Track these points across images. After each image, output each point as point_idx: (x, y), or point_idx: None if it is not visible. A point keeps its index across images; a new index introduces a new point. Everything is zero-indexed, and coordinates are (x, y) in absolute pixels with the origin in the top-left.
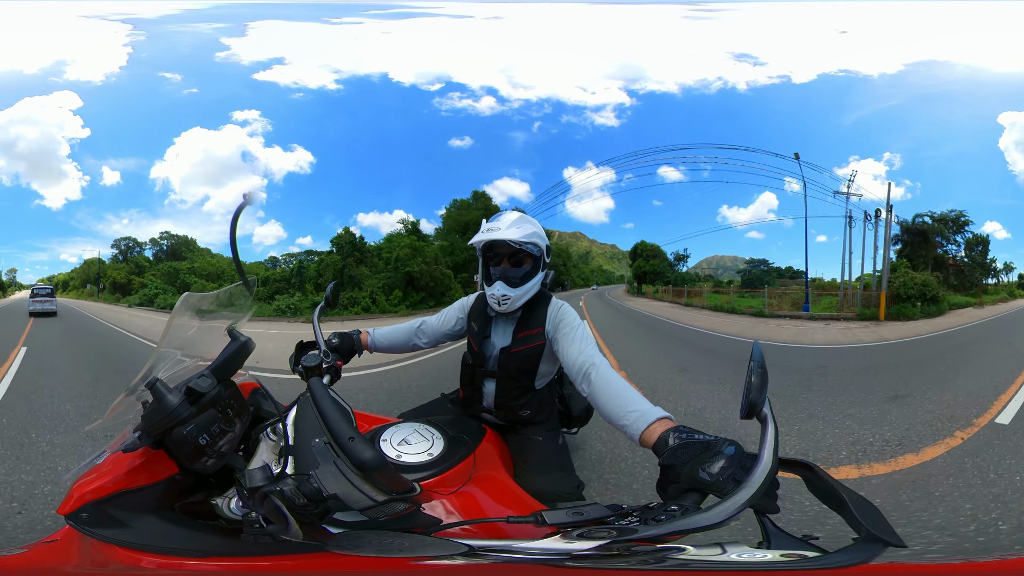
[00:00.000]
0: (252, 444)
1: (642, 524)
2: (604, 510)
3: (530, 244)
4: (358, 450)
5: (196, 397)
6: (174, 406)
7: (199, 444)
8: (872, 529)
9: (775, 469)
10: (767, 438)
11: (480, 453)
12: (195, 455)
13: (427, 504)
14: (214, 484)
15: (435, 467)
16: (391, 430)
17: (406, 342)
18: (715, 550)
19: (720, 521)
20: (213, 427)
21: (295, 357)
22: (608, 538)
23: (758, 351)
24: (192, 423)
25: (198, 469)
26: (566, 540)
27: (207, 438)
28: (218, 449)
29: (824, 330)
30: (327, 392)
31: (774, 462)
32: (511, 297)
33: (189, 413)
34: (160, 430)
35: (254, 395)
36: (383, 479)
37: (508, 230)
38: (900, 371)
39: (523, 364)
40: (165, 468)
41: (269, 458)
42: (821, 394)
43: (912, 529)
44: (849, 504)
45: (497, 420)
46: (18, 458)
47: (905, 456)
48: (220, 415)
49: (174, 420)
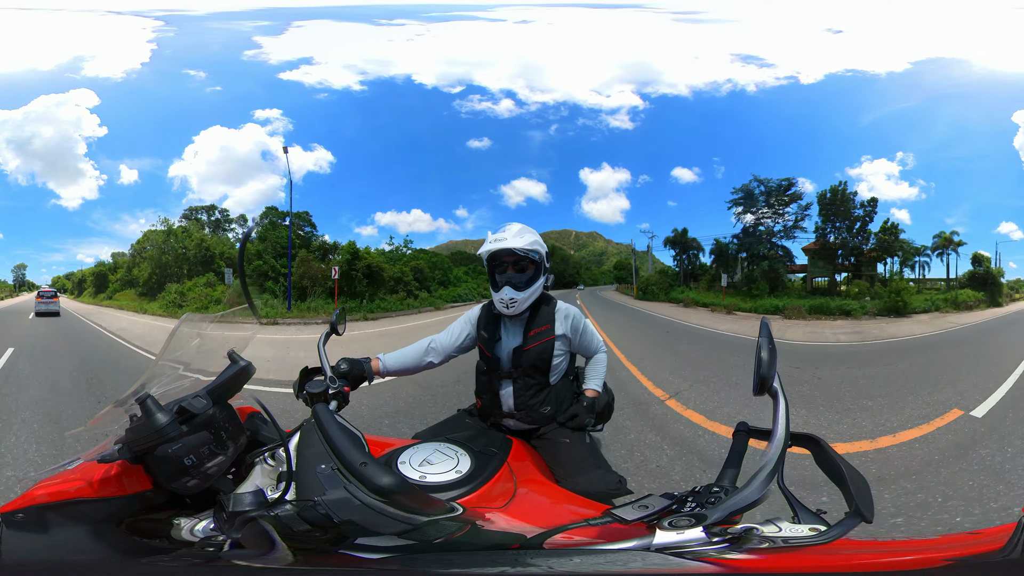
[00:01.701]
0: (246, 468)
1: (703, 508)
2: (663, 500)
3: (531, 251)
4: (372, 475)
5: (188, 417)
6: (162, 424)
7: (183, 464)
8: (859, 504)
9: (788, 442)
10: (779, 413)
11: (513, 462)
12: (177, 474)
13: (484, 522)
14: (187, 504)
15: (468, 483)
16: (408, 452)
17: (418, 362)
18: (773, 528)
19: (760, 497)
20: (202, 448)
21: (299, 384)
22: (693, 525)
23: (767, 328)
24: (180, 442)
25: (175, 489)
26: (667, 532)
27: (193, 459)
28: (205, 471)
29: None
30: (334, 418)
31: (787, 436)
32: (518, 299)
33: (177, 433)
34: (144, 446)
35: (252, 419)
36: (410, 501)
37: (512, 239)
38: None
39: (537, 360)
40: (137, 483)
41: (264, 483)
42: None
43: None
44: (847, 479)
45: (521, 424)
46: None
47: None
48: (212, 437)
49: (160, 439)
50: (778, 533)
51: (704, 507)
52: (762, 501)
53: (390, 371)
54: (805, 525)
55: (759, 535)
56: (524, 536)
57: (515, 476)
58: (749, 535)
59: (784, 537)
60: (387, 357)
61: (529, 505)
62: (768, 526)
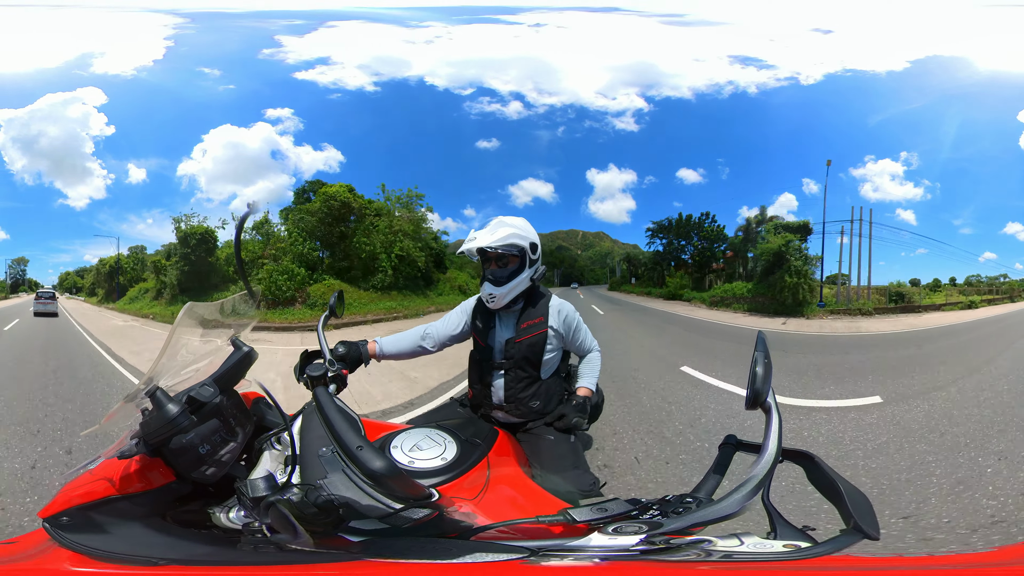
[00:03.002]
0: (255, 454)
1: (664, 517)
2: (626, 505)
3: (506, 246)
4: (367, 459)
5: (197, 406)
6: (174, 415)
7: (199, 453)
8: (859, 521)
9: (778, 459)
10: (771, 428)
11: (494, 455)
12: (195, 464)
13: (450, 509)
14: (212, 493)
15: (450, 471)
16: (401, 436)
17: (413, 348)
18: (734, 541)
19: (734, 512)
20: (215, 436)
21: (300, 367)
22: (640, 532)
23: (762, 342)
24: (193, 432)
25: (196, 478)
26: (604, 536)
27: (208, 447)
28: (219, 458)
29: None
30: (333, 401)
31: (778, 452)
32: (496, 295)
33: (189, 422)
34: (158, 438)
35: (257, 405)
36: (397, 486)
37: (484, 236)
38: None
39: (528, 352)
40: (161, 476)
41: (273, 467)
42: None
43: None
44: (844, 495)
45: (509, 417)
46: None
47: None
48: (222, 425)
49: (174, 429)
50: (737, 547)
51: (668, 516)
52: (738, 515)
53: (386, 355)
54: (780, 541)
55: (708, 548)
56: (471, 527)
57: (491, 468)
58: (695, 546)
59: (746, 552)
60: (383, 341)
61: (496, 498)
62: (729, 540)
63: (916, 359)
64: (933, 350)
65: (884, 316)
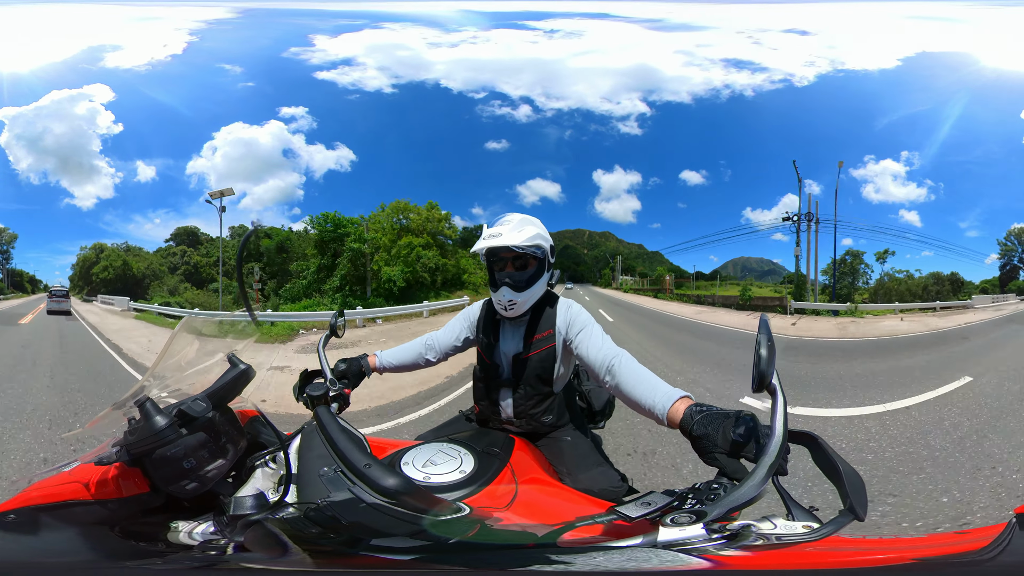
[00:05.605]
0: (246, 472)
1: (702, 505)
2: (665, 497)
3: (533, 247)
4: (378, 476)
5: (188, 420)
6: (160, 427)
7: (183, 467)
8: (853, 502)
9: (786, 439)
10: (777, 410)
11: (515, 462)
12: (176, 477)
13: (491, 520)
14: (184, 508)
15: (473, 483)
16: (412, 453)
17: (415, 360)
18: (768, 524)
19: (758, 493)
20: (202, 452)
21: (299, 387)
22: (690, 522)
23: (766, 325)
24: (179, 445)
25: (173, 492)
26: (668, 529)
27: (193, 462)
28: (204, 474)
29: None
30: (335, 420)
31: (785, 433)
32: (517, 302)
33: (176, 436)
34: (142, 448)
35: (252, 423)
36: (417, 501)
37: (510, 235)
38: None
39: (538, 369)
40: (134, 486)
41: (265, 486)
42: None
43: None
44: (843, 476)
45: (521, 430)
46: None
47: None
48: (211, 440)
49: (159, 441)
50: (773, 530)
51: (704, 504)
52: (760, 498)
53: (387, 367)
54: (799, 522)
55: (755, 532)
56: (535, 534)
57: (517, 475)
58: (746, 532)
59: (778, 534)
60: (384, 354)
61: (533, 503)
62: (764, 523)
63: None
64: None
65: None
